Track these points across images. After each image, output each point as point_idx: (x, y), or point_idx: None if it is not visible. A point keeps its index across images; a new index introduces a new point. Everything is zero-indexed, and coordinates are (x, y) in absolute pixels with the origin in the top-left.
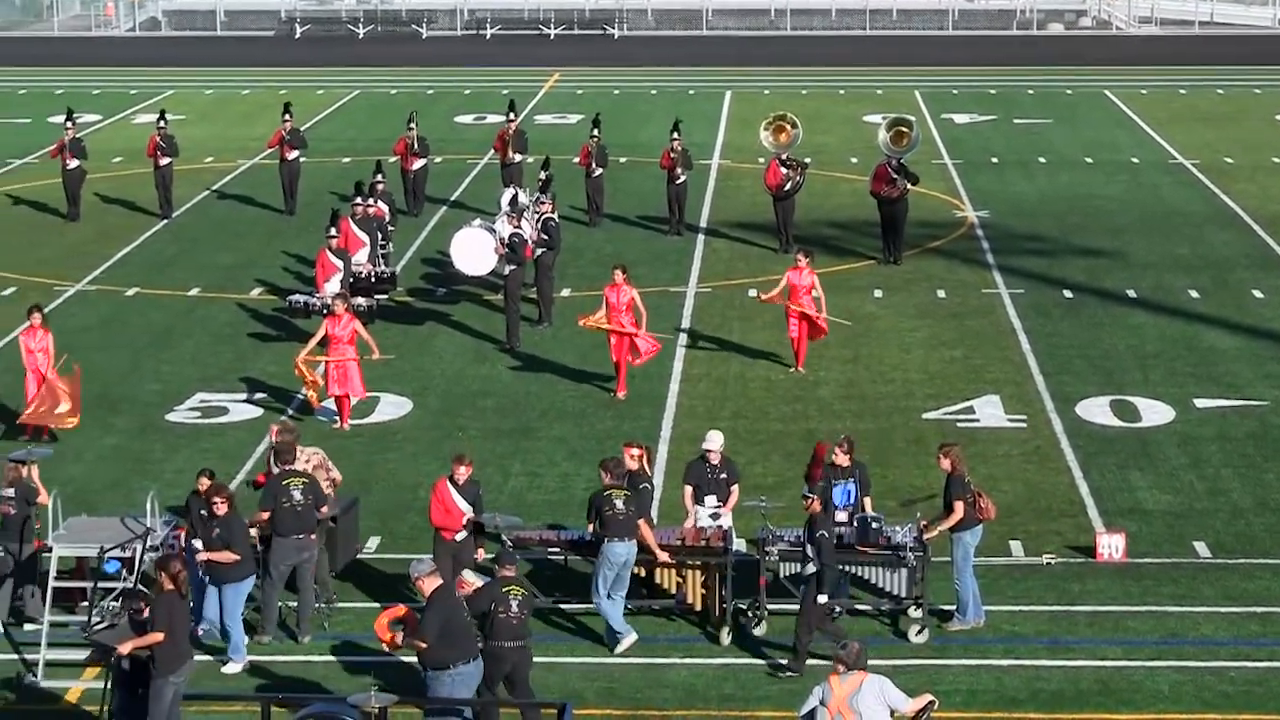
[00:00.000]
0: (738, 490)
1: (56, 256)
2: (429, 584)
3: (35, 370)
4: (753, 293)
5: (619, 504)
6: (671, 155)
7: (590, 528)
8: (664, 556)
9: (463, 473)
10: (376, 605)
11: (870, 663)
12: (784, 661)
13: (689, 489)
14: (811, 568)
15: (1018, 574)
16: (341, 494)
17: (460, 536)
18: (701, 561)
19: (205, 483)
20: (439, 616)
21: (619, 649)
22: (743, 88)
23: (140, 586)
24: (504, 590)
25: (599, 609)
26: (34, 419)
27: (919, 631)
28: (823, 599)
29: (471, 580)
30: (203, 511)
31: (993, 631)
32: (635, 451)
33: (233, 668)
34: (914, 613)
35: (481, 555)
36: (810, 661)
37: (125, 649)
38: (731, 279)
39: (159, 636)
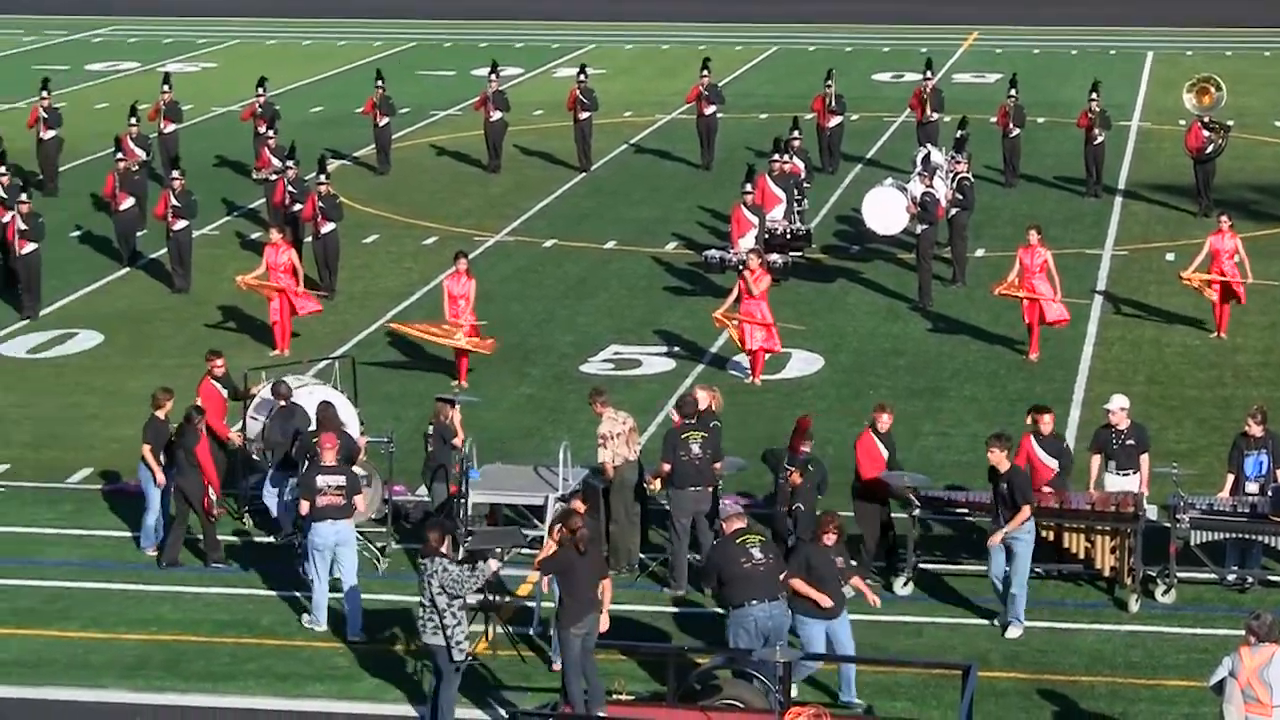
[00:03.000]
0: (1148, 460)
1: (477, 207)
2: (728, 527)
3: (454, 316)
4: (1170, 257)
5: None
6: (1089, 116)
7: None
8: None
9: (885, 421)
10: None
11: None
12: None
13: (1096, 458)
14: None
15: None
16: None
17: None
18: (1111, 527)
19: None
20: (717, 558)
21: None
22: (1164, 48)
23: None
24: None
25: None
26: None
27: None
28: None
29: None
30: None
31: None
32: (1047, 418)
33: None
34: None
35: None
36: (1215, 631)
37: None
38: (1149, 242)
39: (534, 577)
